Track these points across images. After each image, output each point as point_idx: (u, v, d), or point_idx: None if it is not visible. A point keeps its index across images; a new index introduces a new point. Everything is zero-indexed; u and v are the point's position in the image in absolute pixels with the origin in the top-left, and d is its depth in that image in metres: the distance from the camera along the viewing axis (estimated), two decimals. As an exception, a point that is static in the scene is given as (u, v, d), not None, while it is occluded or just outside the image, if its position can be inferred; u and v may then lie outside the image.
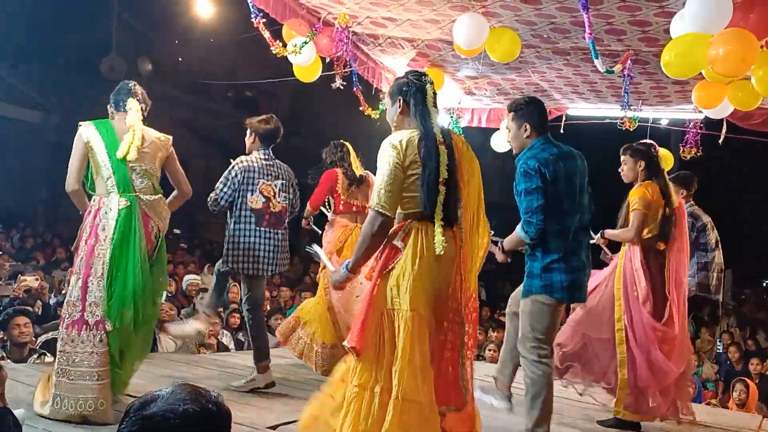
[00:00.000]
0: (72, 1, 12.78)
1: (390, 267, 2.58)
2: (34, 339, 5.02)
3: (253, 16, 4.94)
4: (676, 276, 4.14)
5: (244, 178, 4.24)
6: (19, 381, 3.86)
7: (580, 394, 4.39)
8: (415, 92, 2.74)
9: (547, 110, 6.75)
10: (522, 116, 3.39)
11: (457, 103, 7.02)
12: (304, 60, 5.31)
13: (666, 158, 6.51)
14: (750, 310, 11.79)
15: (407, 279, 2.54)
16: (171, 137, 3.74)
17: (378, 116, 6.51)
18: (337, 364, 2.81)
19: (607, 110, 6.64)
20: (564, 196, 3.26)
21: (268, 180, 4.32)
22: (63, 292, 7.01)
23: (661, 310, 4.08)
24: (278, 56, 5.26)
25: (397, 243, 2.60)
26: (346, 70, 5.58)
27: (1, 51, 13.00)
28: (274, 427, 3.53)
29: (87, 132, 3.51)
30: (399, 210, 2.65)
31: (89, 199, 3.59)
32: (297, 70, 5.58)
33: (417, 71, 2.89)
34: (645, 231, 4.08)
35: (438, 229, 2.59)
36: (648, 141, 4.72)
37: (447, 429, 2.66)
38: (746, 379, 6.56)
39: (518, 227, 3.28)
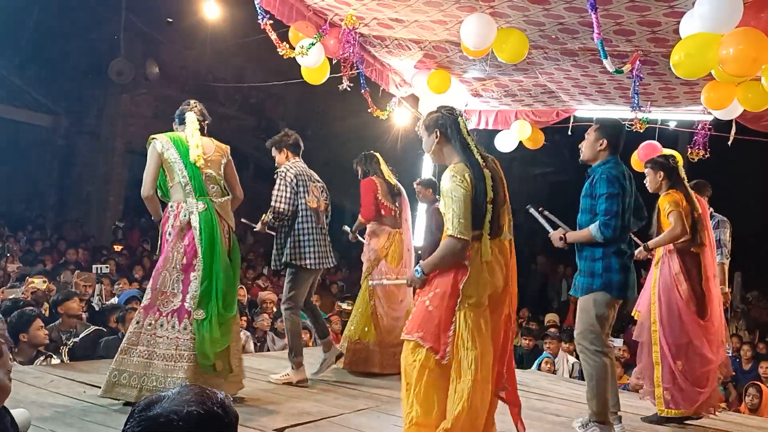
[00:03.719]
0: (80, 5, 12.84)
1: (461, 284, 2.92)
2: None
3: (260, 17, 4.92)
4: (711, 273, 4.49)
5: (299, 181, 4.57)
6: (25, 383, 3.86)
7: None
8: (451, 125, 3.07)
9: (556, 111, 6.82)
10: (603, 132, 3.82)
11: (464, 105, 6.99)
12: (312, 62, 5.29)
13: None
14: (759, 314, 11.68)
15: (477, 289, 2.92)
16: (228, 146, 4.12)
17: (386, 117, 6.50)
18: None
19: (615, 112, 6.60)
20: (627, 208, 3.73)
21: (312, 182, 4.69)
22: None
23: (702, 307, 4.42)
24: (285, 59, 5.25)
25: (464, 261, 2.94)
26: (354, 71, 5.56)
27: (10, 55, 13.08)
28: (281, 430, 3.51)
29: (160, 144, 3.84)
30: None
31: (164, 206, 3.92)
32: (305, 72, 5.56)
33: (448, 106, 3.21)
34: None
35: (485, 241, 2.95)
36: (668, 152, 5.12)
37: (507, 400, 3.12)
38: (759, 383, 6.50)
39: (592, 226, 3.66)
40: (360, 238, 5.54)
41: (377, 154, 5.40)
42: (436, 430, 2.87)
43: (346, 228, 5.72)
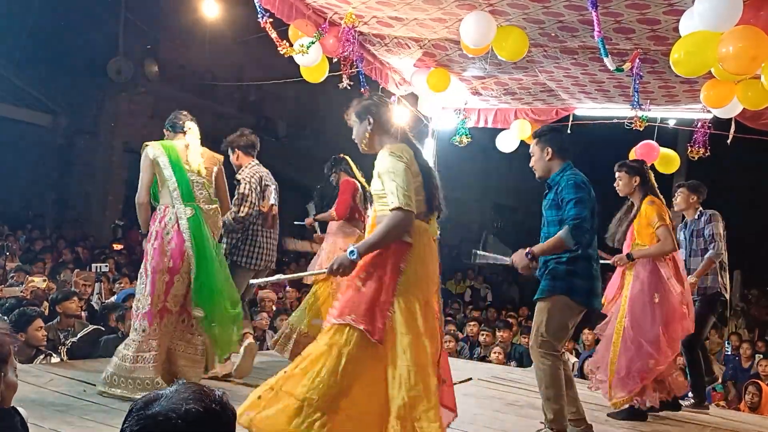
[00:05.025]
0: (78, 3, 12.82)
1: (402, 263, 2.81)
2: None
3: (259, 16, 4.91)
4: (684, 274, 4.61)
5: (259, 185, 4.69)
6: (25, 381, 3.85)
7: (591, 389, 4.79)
8: (384, 111, 3.04)
9: (555, 110, 6.82)
10: (544, 141, 3.76)
11: (463, 103, 6.99)
12: (311, 60, 5.29)
13: (672, 159, 6.51)
14: (758, 312, 11.70)
15: (416, 271, 2.82)
16: (222, 157, 4.31)
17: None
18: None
19: (615, 110, 6.60)
20: (594, 214, 3.59)
21: (269, 184, 4.79)
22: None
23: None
24: (284, 57, 5.25)
25: (406, 238, 2.81)
26: (353, 70, 5.56)
27: (9, 54, 13.05)
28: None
29: (153, 151, 3.98)
30: None
31: (153, 209, 4.04)
32: (304, 71, 5.55)
33: (378, 94, 3.26)
34: None
35: (434, 224, 2.94)
36: (640, 158, 5.23)
37: (441, 402, 2.85)
38: (758, 381, 6.50)
39: (562, 231, 3.46)
40: (317, 230, 5.52)
41: (347, 157, 5.43)
42: (336, 416, 2.66)
43: (310, 208, 5.66)
